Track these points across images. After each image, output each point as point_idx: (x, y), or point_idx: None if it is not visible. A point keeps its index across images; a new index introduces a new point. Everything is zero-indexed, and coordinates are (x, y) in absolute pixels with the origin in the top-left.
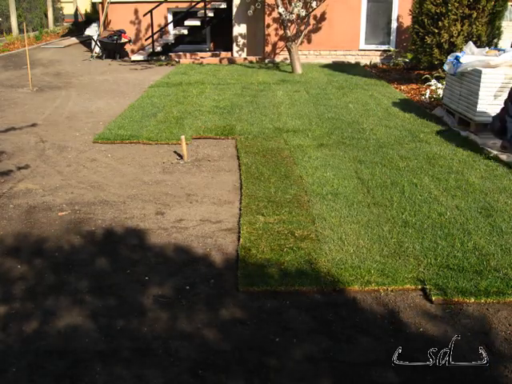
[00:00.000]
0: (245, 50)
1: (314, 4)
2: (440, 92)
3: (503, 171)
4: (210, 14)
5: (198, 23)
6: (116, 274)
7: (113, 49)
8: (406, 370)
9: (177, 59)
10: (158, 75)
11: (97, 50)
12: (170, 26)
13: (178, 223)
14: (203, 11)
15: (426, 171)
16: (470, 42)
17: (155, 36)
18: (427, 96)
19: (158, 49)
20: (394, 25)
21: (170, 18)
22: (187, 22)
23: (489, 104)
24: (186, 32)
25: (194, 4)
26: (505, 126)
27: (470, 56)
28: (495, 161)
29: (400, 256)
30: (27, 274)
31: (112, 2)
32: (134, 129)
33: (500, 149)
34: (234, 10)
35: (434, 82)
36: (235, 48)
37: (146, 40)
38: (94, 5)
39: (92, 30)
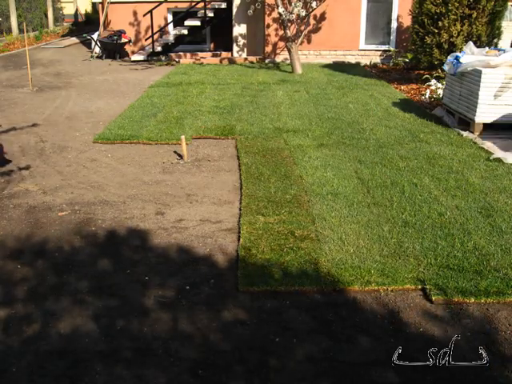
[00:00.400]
0: (245, 50)
1: (313, 4)
2: (440, 92)
3: (503, 171)
4: (210, 14)
5: (197, 23)
6: (116, 274)
7: (113, 49)
8: (406, 370)
9: (177, 59)
10: (158, 75)
11: (97, 50)
12: (170, 26)
13: (178, 223)
14: (203, 11)
15: (426, 171)
16: (470, 42)
17: (155, 36)
18: (427, 96)
19: (158, 49)
20: (394, 25)
21: (170, 18)
22: (187, 22)
23: (489, 104)
24: (185, 32)
25: (193, 4)
26: None
27: (470, 56)
28: (495, 161)
29: (400, 256)
30: (27, 274)
31: (112, 2)
32: (134, 129)
33: None
34: (234, 10)
35: (433, 82)
36: (235, 48)
37: (146, 40)
38: (94, 5)
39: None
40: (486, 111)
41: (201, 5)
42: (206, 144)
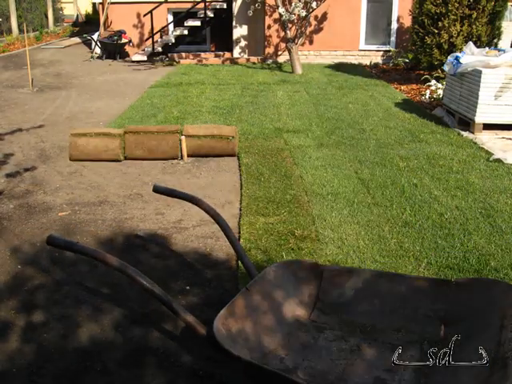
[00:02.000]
0: (245, 50)
1: (314, 4)
2: (440, 92)
3: (503, 171)
4: (211, 15)
5: (198, 23)
6: (116, 274)
7: (113, 49)
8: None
9: (177, 59)
10: (158, 75)
11: (97, 50)
12: (171, 27)
13: (178, 223)
14: (203, 11)
15: (426, 171)
16: (470, 43)
17: (155, 36)
18: (427, 96)
19: (159, 49)
20: (394, 25)
21: (170, 18)
22: (187, 23)
23: (489, 104)
24: (186, 32)
25: (194, 4)
26: None
27: (470, 56)
28: (495, 161)
29: (400, 256)
30: (27, 274)
31: (112, 3)
32: None
33: None
34: (235, 10)
35: (434, 82)
36: (236, 48)
37: (146, 40)
38: (94, 5)
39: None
40: (486, 111)
41: (201, 5)
42: None
